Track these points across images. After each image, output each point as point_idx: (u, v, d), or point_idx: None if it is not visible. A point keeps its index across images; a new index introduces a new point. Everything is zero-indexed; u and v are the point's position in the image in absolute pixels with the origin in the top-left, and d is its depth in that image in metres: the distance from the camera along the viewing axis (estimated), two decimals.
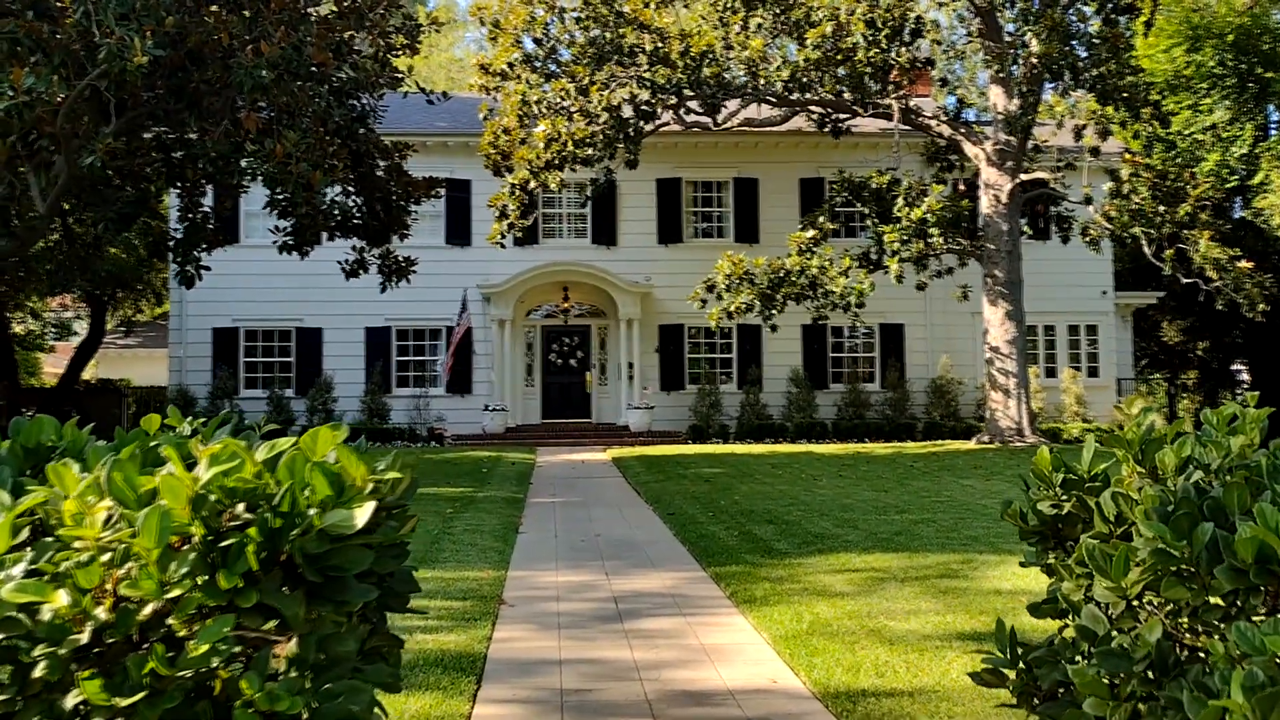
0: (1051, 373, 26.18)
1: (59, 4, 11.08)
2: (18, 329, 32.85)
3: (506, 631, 6.26)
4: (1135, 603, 2.12)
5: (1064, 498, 2.42)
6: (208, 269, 15.05)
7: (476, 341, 25.84)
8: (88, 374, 34.74)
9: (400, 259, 17.25)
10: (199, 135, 12.36)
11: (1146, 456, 2.21)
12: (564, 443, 24.10)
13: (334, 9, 14.86)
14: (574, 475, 17.25)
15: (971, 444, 21.29)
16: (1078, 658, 2.30)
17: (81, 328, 33.84)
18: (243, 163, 11.65)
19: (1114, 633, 2.14)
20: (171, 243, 14.68)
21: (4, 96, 10.00)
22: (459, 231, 26.22)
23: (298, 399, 25.31)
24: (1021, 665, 2.45)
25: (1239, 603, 1.88)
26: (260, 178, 11.78)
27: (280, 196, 12.66)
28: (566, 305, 26.07)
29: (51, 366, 39.27)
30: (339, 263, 17.46)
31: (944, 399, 25.18)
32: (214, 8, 11.96)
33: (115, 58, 10.13)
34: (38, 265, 24.81)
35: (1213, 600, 1.95)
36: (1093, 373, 26.38)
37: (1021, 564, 2.72)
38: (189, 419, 2.67)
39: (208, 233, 16.92)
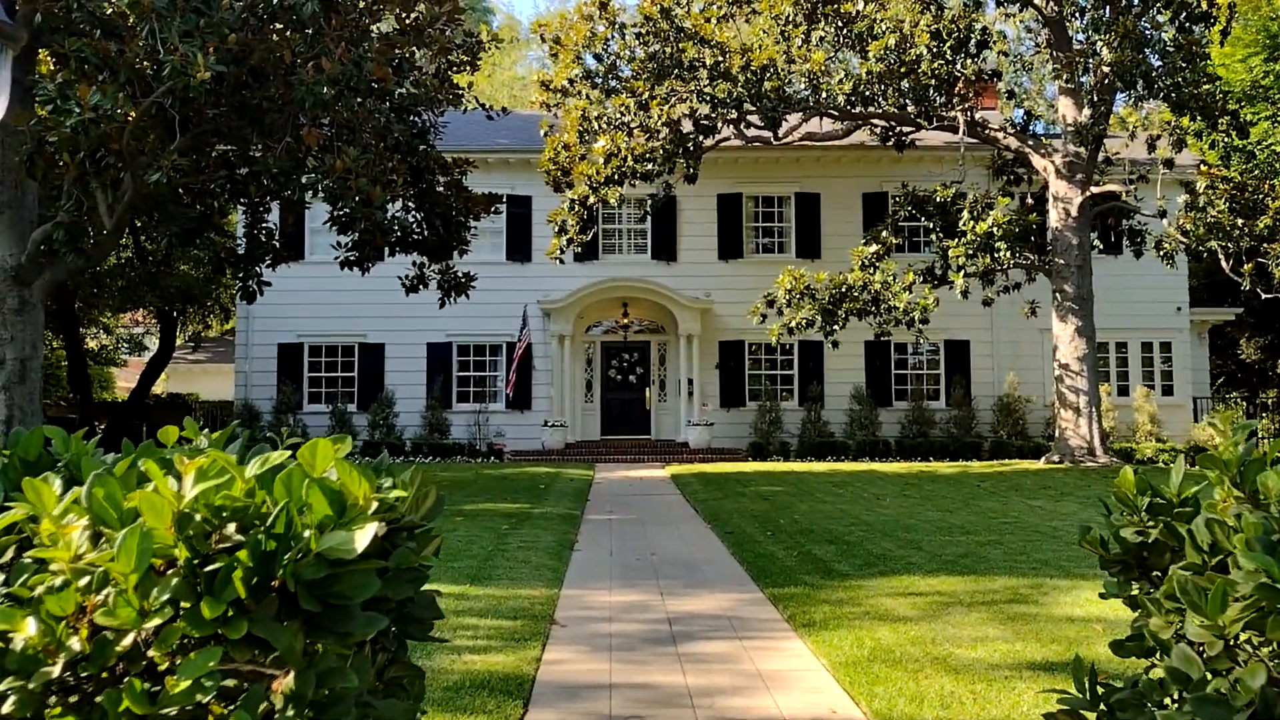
0: (1124, 391, 25.44)
1: (128, 24, 11.25)
2: (91, 344, 33.66)
3: (556, 653, 6.11)
4: (1233, 643, 1.90)
5: (1150, 524, 2.19)
6: (269, 284, 15.22)
7: (536, 357, 25.85)
8: (158, 388, 35.50)
9: (459, 274, 17.28)
10: (262, 152, 12.50)
11: (1246, 479, 1.99)
12: (623, 459, 23.98)
13: (396, 26, 14.99)
14: (632, 492, 17.08)
15: (1040, 464, 20.70)
16: (1167, 701, 2.08)
17: (154, 343, 34.60)
18: (304, 179, 11.73)
19: (1209, 676, 1.92)
20: (233, 259, 14.86)
21: (71, 114, 10.16)
22: (520, 247, 26.29)
23: (360, 414, 25.52)
24: (1103, 707, 2.23)
25: None
26: (320, 193, 11.85)
27: (340, 212, 12.72)
28: (626, 321, 25.98)
29: (125, 381, 40.17)
30: (399, 278, 17.55)
31: (1011, 417, 24.58)
32: (277, 25, 12.10)
33: (179, 74, 10.25)
34: (110, 282, 25.46)
35: None
36: (1167, 391, 25.57)
37: (1102, 595, 2.49)
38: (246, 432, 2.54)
39: (270, 249, 17.11)
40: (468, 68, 16.84)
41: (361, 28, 12.40)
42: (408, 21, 14.10)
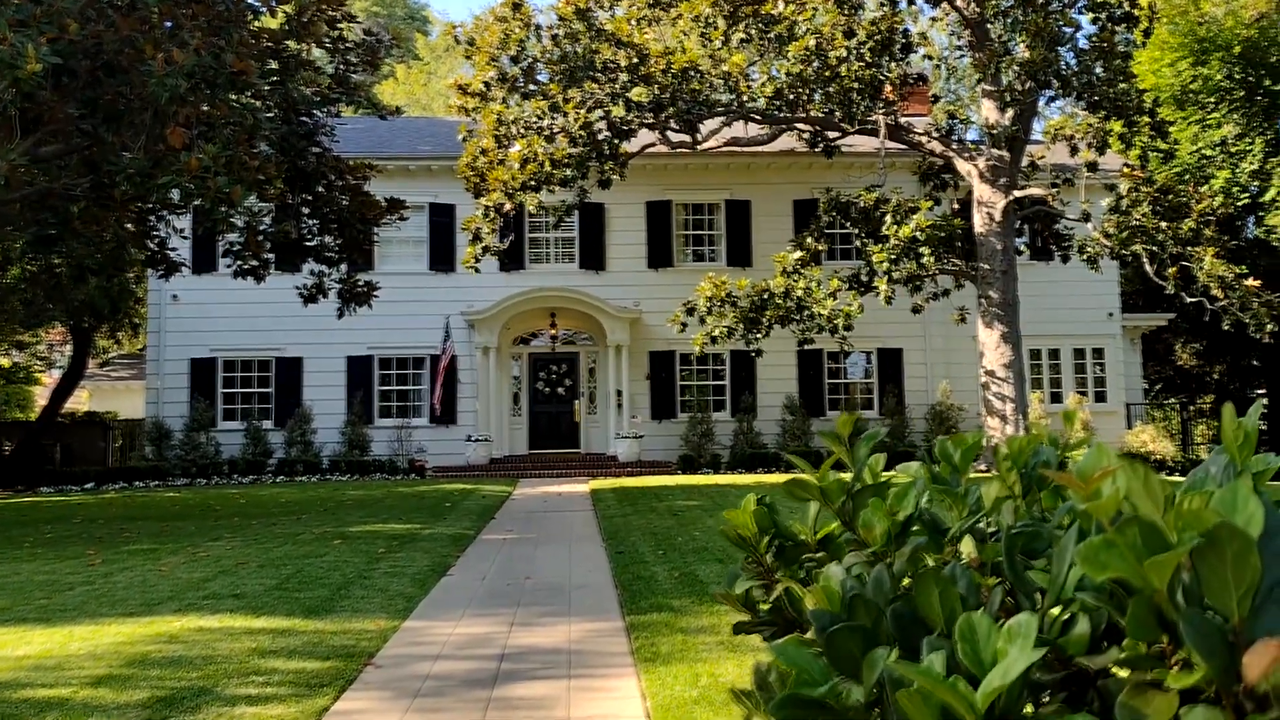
0: (1057, 398, 25.12)
1: None
2: (3, 361, 32.39)
3: (351, 702, 5.40)
4: None
5: (778, 574, 1.57)
6: (134, 294, 14.39)
7: (461, 370, 25.05)
8: (79, 406, 34.20)
9: (361, 284, 16.49)
10: (122, 152, 11.70)
11: (856, 514, 1.37)
12: (549, 474, 23.25)
13: (282, 23, 14.26)
14: (544, 509, 16.38)
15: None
16: None
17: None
18: (161, 179, 10.94)
19: None
20: (97, 266, 14.01)
21: None
22: (442, 257, 25.52)
23: (276, 431, 24.58)
24: None
25: None
26: (179, 195, 11.06)
27: (210, 218, 11.93)
28: (554, 332, 25.28)
29: (46, 400, 38.70)
30: (296, 288, 16.74)
31: (944, 426, 24.14)
32: (132, 16, 11.32)
33: (7, 66, 9.45)
34: (11, 297, 24.32)
35: None
36: (1100, 398, 25.28)
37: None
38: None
39: (163, 259, 16.26)
40: (367, 68, 16.07)
41: (228, 18, 11.64)
42: (284, 12, 13.36)
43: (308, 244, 15.64)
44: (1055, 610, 1.06)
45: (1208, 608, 0.81)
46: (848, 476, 1.69)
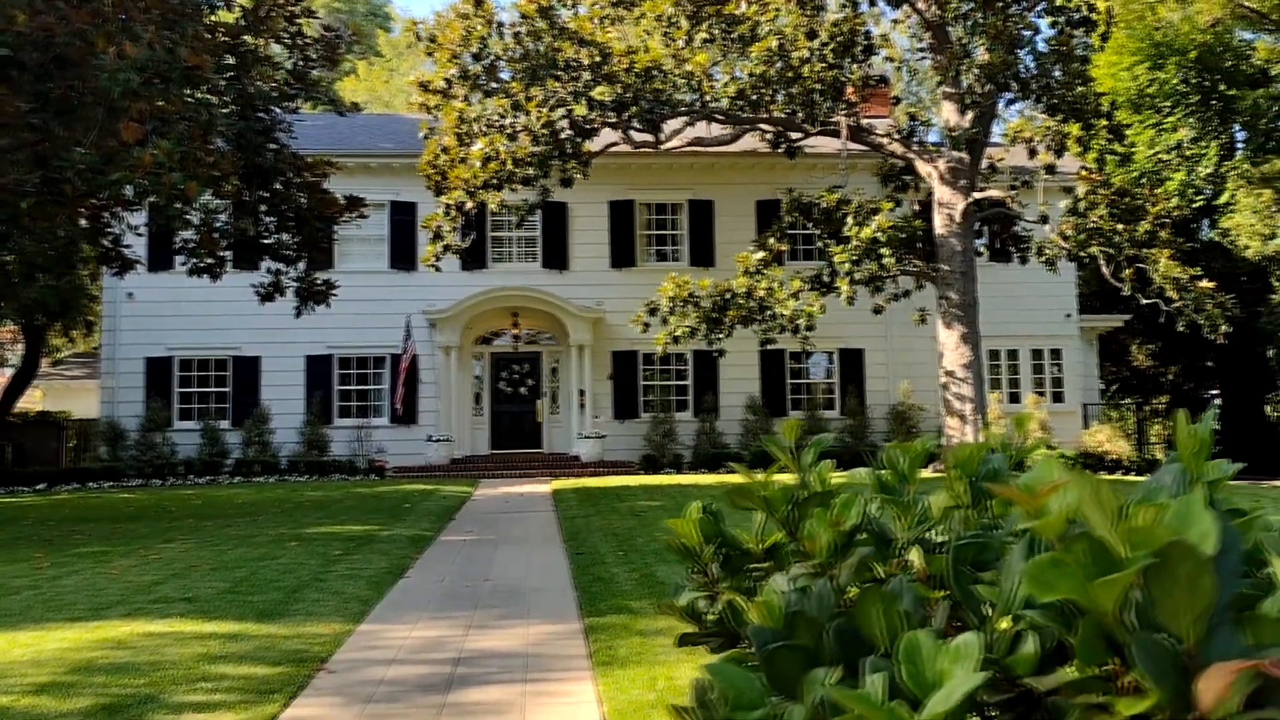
0: (1015, 398, 25.33)
1: None
2: None
3: (301, 709, 5.29)
4: None
5: (723, 584, 1.52)
6: (89, 291, 14.12)
7: (422, 370, 24.82)
8: (32, 406, 33.56)
9: (320, 282, 16.28)
10: (74, 147, 11.46)
11: (802, 524, 1.33)
12: (512, 474, 23.10)
13: (239, 17, 14.05)
14: (504, 510, 16.27)
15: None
16: None
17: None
18: (114, 175, 10.72)
19: None
20: (49, 264, 13.72)
21: None
22: (404, 256, 25.27)
23: (234, 431, 24.22)
24: None
25: None
26: (132, 191, 10.84)
27: (166, 215, 11.72)
28: (516, 331, 25.15)
29: None
30: (254, 287, 16.50)
31: (904, 425, 24.30)
32: (84, 8, 11.09)
33: None
34: None
35: None
36: (1057, 398, 25.54)
37: None
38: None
39: (116, 256, 15.97)
40: (326, 64, 15.87)
41: (181, 12, 11.43)
42: (244, 4, 13.16)
43: (265, 242, 15.42)
44: (1004, 624, 1.02)
45: (1160, 629, 0.77)
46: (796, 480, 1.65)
